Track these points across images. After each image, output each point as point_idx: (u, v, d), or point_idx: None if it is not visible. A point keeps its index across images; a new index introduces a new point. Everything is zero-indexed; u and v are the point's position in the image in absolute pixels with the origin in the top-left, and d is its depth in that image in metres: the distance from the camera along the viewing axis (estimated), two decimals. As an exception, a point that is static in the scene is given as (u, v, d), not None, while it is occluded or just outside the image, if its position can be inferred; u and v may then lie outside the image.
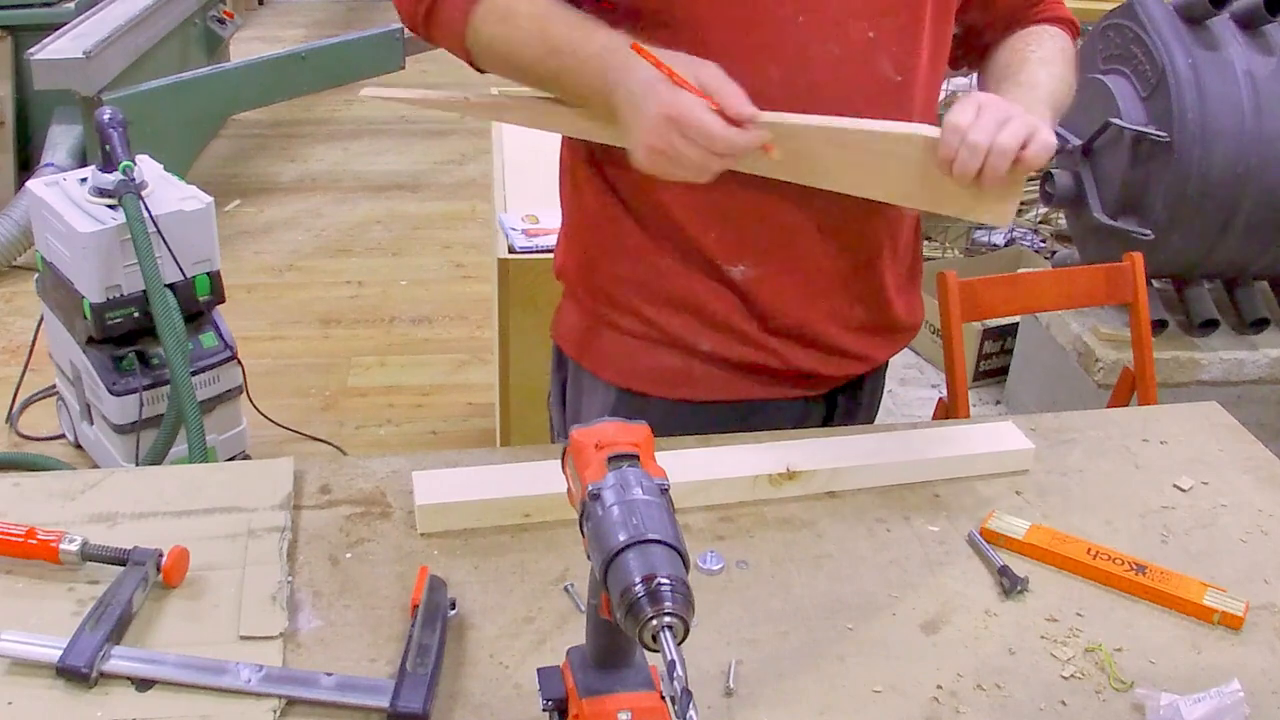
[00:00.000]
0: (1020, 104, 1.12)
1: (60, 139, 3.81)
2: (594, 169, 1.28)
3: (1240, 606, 1.06)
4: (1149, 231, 2.41)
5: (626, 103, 1.08)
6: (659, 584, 0.73)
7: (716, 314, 1.26)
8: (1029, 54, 1.26)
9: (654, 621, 0.72)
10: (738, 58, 1.12)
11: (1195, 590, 1.08)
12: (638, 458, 0.82)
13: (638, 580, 0.73)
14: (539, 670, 0.89)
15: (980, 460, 1.26)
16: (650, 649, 0.73)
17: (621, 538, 0.75)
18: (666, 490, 0.80)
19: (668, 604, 0.72)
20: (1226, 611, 1.06)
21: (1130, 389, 2.17)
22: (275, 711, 0.92)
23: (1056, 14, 1.35)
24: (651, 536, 0.75)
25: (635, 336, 1.29)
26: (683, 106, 1.04)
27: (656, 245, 1.25)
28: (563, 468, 0.87)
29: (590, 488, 0.79)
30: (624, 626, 0.74)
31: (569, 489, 0.85)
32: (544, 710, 0.87)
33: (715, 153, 1.06)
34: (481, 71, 1.21)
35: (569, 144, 1.31)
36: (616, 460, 0.81)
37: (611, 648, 0.85)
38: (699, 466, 1.20)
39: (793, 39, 1.15)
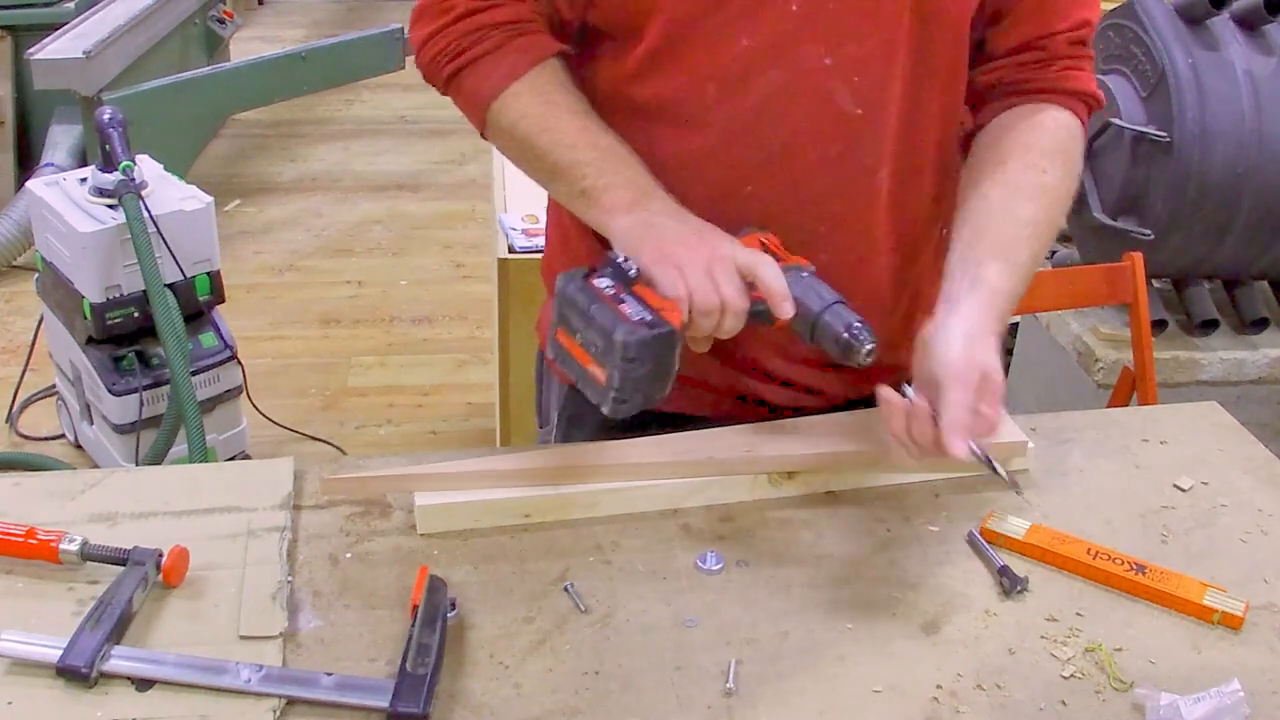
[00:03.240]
0: (983, 321, 1.05)
1: (60, 139, 3.81)
2: None
3: (1240, 606, 1.06)
4: (1149, 231, 2.41)
5: (658, 226, 1.06)
6: (857, 328, 1.04)
7: None
8: (1017, 211, 1.11)
9: (867, 348, 1.03)
10: (678, 73, 1.08)
11: (1195, 590, 1.08)
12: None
13: (843, 330, 1.04)
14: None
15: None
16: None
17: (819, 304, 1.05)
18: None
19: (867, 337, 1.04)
20: (1227, 611, 1.06)
21: (1130, 389, 2.17)
22: (275, 711, 0.92)
23: (1077, 85, 1.18)
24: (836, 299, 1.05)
25: None
26: (752, 257, 1.03)
27: None
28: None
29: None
30: (842, 357, 1.04)
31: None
32: (614, 266, 1.04)
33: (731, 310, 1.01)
34: (485, 138, 1.18)
35: None
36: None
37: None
38: (699, 465, 1.19)
39: (734, 61, 1.07)
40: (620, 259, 1.05)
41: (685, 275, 1.01)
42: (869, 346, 1.03)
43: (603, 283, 1.03)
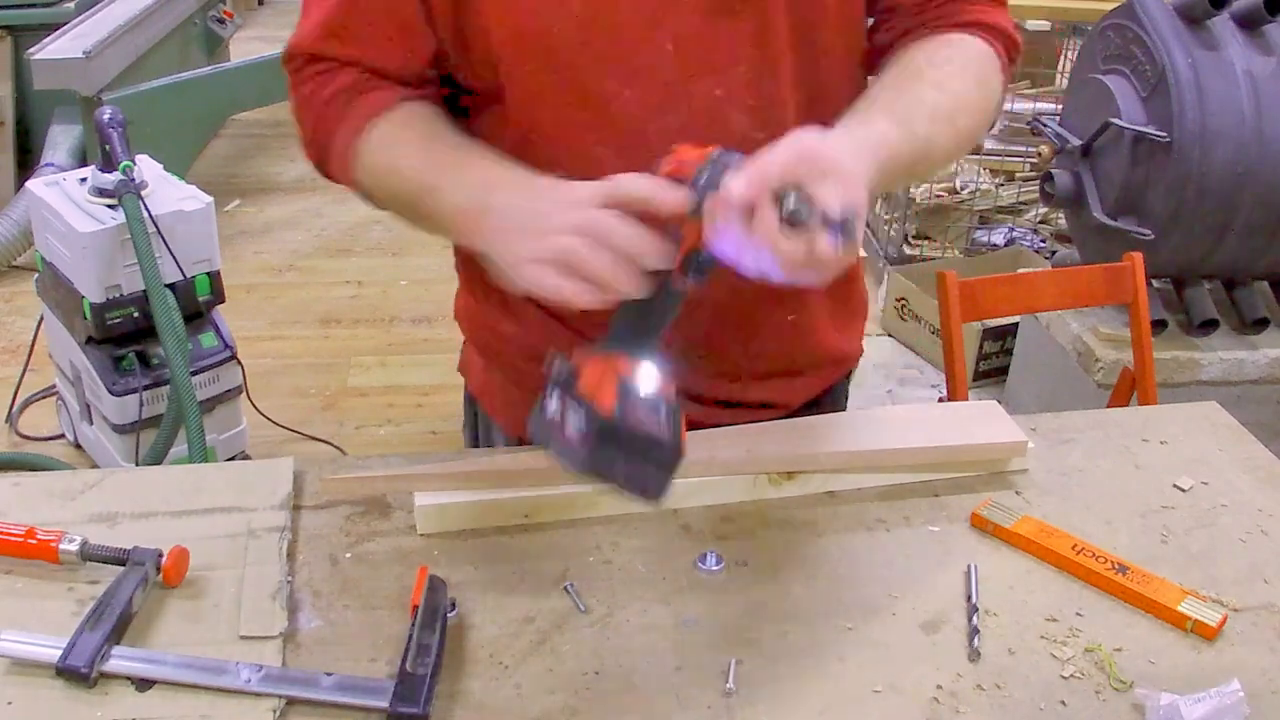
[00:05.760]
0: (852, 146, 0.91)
1: (60, 139, 3.81)
2: None
3: (1217, 617, 1.05)
4: (1149, 231, 2.41)
5: (505, 218, 0.96)
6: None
7: None
8: (917, 93, 1.01)
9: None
10: (567, 141, 1.03)
11: (1173, 596, 1.07)
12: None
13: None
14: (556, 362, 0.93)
15: (974, 441, 1.26)
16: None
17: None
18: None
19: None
20: (1200, 620, 1.05)
21: (1130, 389, 2.17)
22: (275, 712, 0.92)
23: (987, 19, 1.09)
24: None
25: (520, 388, 1.25)
26: (595, 213, 0.89)
27: (529, 308, 1.19)
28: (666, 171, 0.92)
29: (713, 154, 0.89)
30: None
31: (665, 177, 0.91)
32: (552, 383, 0.91)
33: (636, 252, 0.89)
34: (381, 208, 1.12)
35: None
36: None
37: (643, 318, 0.92)
38: (698, 465, 1.20)
39: (622, 115, 1.01)
40: (551, 366, 0.93)
41: (548, 264, 0.89)
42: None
43: (551, 405, 0.92)
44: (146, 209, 2.38)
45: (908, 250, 3.76)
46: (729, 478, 1.19)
